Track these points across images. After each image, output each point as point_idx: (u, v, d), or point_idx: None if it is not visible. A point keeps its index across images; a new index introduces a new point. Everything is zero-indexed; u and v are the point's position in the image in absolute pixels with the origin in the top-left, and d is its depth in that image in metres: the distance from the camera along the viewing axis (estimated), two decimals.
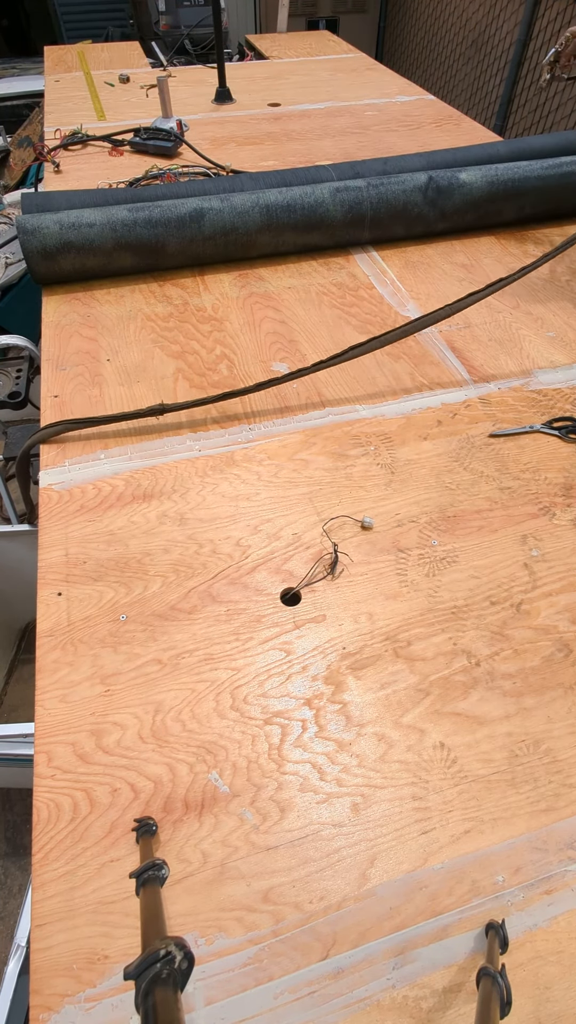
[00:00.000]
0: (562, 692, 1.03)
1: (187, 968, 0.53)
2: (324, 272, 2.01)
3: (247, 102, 3.19)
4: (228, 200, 1.88)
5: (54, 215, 1.79)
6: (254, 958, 0.77)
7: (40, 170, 2.71)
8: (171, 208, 1.83)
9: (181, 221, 1.83)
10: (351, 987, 0.76)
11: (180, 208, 1.84)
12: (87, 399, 1.53)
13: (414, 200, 2.02)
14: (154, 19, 5.86)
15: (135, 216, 1.81)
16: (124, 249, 1.83)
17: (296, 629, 1.10)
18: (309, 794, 0.91)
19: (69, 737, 0.96)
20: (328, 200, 1.95)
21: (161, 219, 1.82)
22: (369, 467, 1.39)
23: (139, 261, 1.88)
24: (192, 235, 1.86)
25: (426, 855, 0.86)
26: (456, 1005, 0.75)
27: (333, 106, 3.16)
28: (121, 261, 1.86)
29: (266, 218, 1.90)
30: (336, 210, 1.96)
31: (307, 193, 1.94)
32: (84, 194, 2.02)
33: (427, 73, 6.06)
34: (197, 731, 0.97)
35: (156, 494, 1.31)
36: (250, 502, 1.30)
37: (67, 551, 1.20)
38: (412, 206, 2.03)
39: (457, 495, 1.34)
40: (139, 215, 1.81)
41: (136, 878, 0.74)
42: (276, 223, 1.92)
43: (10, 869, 1.91)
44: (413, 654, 1.07)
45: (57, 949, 0.77)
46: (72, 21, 7.06)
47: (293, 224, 1.93)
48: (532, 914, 0.82)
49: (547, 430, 1.48)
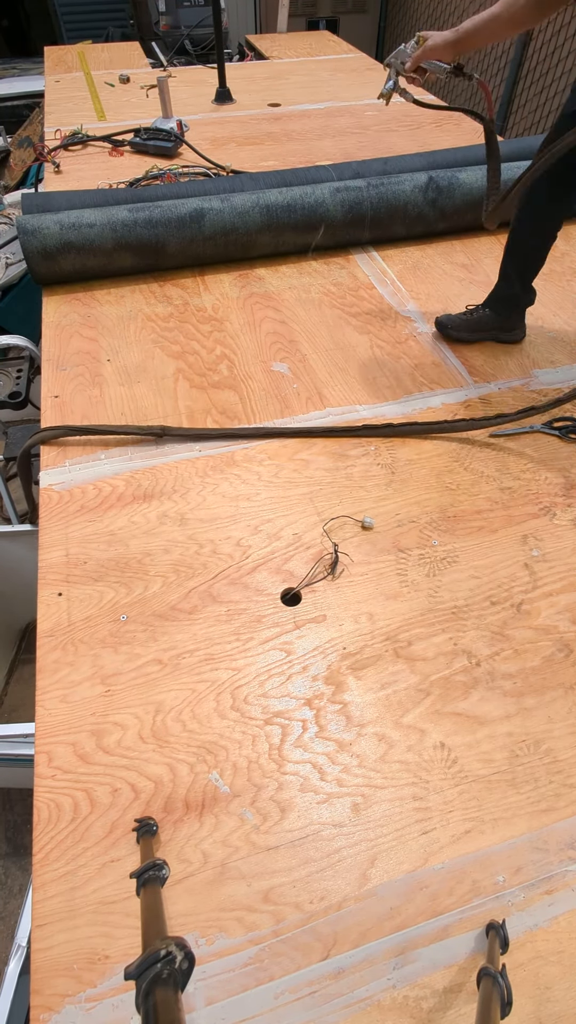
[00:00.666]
0: (563, 692, 1.03)
1: (188, 968, 0.53)
2: (324, 272, 2.01)
3: (247, 102, 3.19)
4: (228, 200, 1.88)
5: (54, 215, 1.80)
6: (255, 958, 0.77)
7: (40, 170, 2.71)
8: (171, 208, 1.84)
9: (181, 221, 1.84)
10: (352, 987, 0.76)
11: (180, 208, 1.84)
12: (87, 399, 1.53)
13: (414, 200, 2.02)
14: (154, 19, 5.85)
15: (135, 216, 1.81)
16: (124, 249, 1.83)
17: (296, 629, 1.10)
18: (310, 794, 0.91)
19: (70, 737, 0.96)
20: (328, 200, 1.95)
21: (161, 219, 1.82)
22: (369, 467, 1.39)
23: (139, 261, 1.88)
24: (192, 235, 1.86)
25: (427, 855, 0.86)
26: (457, 1005, 0.75)
27: (333, 106, 3.16)
28: (121, 261, 1.86)
29: (266, 218, 1.90)
30: (336, 210, 1.96)
31: (307, 193, 1.94)
32: (84, 194, 2.02)
33: None
34: (198, 731, 0.97)
35: (156, 494, 1.31)
36: (250, 502, 1.30)
37: (67, 551, 1.20)
38: (412, 206, 2.03)
39: (457, 495, 1.34)
40: (139, 215, 1.81)
41: (136, 878, 0.74)
42: (276, 223, 1.92)
43: (11, 869, 1.91)
44: (413, 654, 1.07)
45: (58, 949, 0.77)
46: (72, 21, 7.05)
47: (293, 224, 1.93)
48: (533, 914, 0.82)
49: (547, 430, 1.48)
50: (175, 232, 1.84)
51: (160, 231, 1.83)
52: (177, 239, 1.86)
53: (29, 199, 2.00)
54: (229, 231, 1.89)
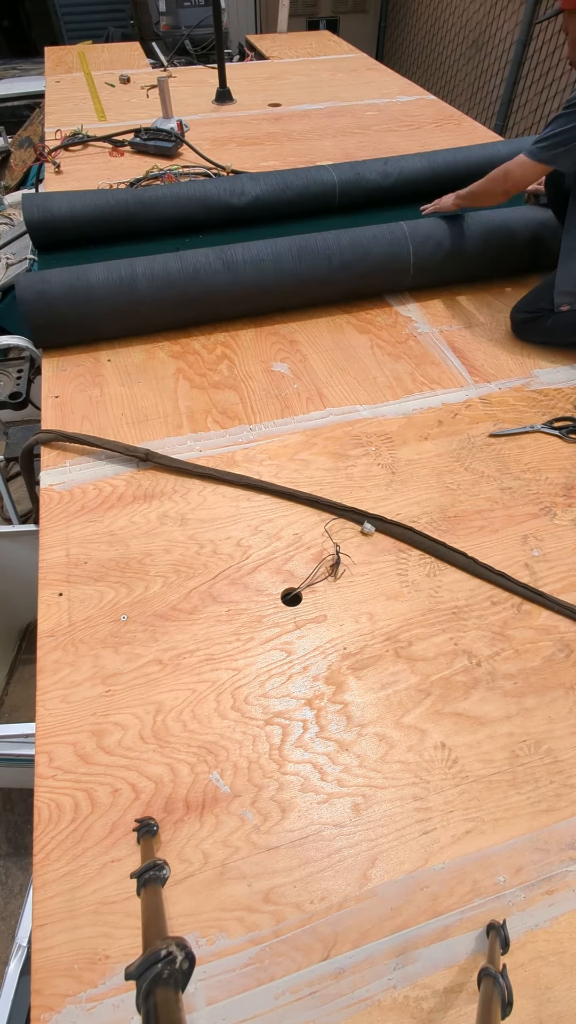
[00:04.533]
0: (563, 692, 1.03)
1: (188, 968, 0.53)
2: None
3: (247, 102, 3.19)
4: (233, 269, 1.69)
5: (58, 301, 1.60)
6: (255, 958, 0.77)
7: (41, 171, 2.71)
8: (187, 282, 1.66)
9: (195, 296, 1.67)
10: (352, 987, 0.76)
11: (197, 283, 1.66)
12: (88, 399, 1.53)
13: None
14: (154, 19, 5.85)
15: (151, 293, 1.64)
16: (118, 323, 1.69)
17: (297, 629, 1.10)
18: (310, 794, 0.91)
19: (70, 737, 0.96)
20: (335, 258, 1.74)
21: (178, 302, 1.66)
22: (370, 467, 1.39)
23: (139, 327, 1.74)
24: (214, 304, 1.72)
25: (427, 855, 0.86)
26: (457, 1005, 0.75)
27: (333, 106, 3.16)
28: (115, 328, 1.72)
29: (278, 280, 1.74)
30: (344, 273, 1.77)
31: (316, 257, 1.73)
32: (85, 195, 2.02)
33: (427, 73, 6.06)
34: (198, 731, 0.97)
35: (157, 494, 1.31)
36: (251, 502, 1.30)
37: (68, 551, 1.20)
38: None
39: (458, 495, 1.34)
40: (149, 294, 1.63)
41: (137, 878, 0.74)
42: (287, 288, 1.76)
43: (11, 869, 1.91)
44: (414, 654, 1.07)
45: (58, 949, 0.77)
46: (73, 22, 7.06)
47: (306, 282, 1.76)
48: (533, 914, 0.82)
49: (548, 430, 1.48)
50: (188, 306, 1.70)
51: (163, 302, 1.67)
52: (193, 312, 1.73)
53: (30, 199, 2.00)
54: (255, 297, 1.75)
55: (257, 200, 2.12)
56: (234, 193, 2.10)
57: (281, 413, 1.51)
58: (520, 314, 1.73)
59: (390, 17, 6.49)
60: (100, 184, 2.40)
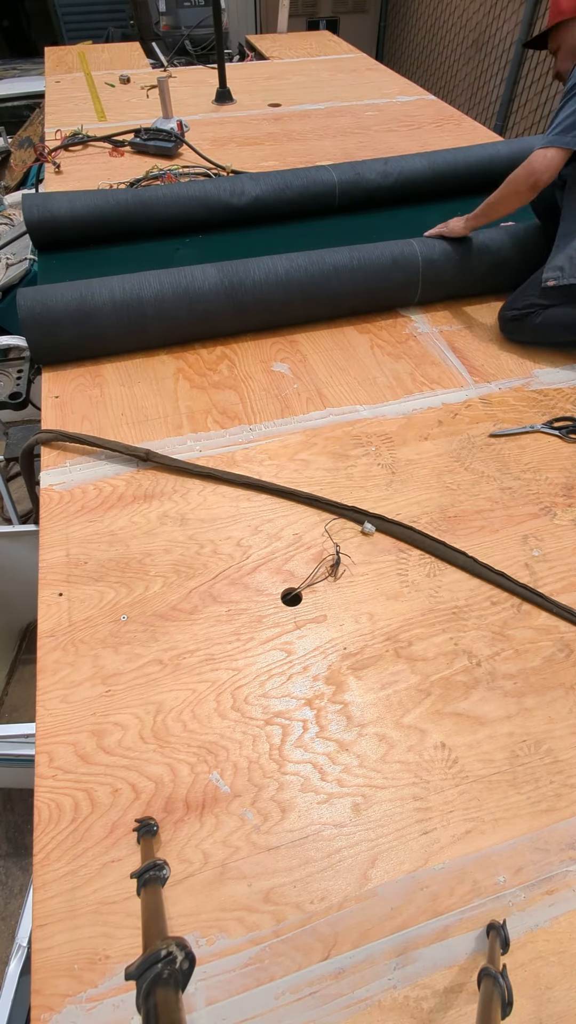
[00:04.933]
0: (563, 692, 1.03)
1: (188, 968, 0.53)
2: None
3: (247, 102, 3.19)
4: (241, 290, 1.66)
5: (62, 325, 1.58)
6: (255, 958, 0.77)
7: (41, 171, 2.71)
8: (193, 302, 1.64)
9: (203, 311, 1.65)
10: (352, 987, 0.76)
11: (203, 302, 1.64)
12: (88, 399, 1.53)
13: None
14: (154, 20, 5.86)
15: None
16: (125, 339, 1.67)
17: (297, 629, 1.10)
18: (310, 794, 0.91)
19: (70, 737, 0.96)
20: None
21: (182, 320, 1.65)
22: (370, 467, 1.39)
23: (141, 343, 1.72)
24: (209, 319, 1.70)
25: (427, 855, 0.86)
26: (457, 1006, 0.75)
27: (333, 106, 3.16)
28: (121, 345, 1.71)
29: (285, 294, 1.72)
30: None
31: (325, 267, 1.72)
32: (85, 195, 2.02)
33: (427, 73, 6.06)
34: (198, 731, 0.97)
35: (157, 494, 1.31)
36: (251, 502, 1.30)
37: (68, 551, 1.20)
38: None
39: (458, 495, 1.34)
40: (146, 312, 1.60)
41: (137, 878, 0.74)
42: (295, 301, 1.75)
43: (11, 869, 1.91)
44: (414, 654, 1.07)
45: (58, 949, 0.77)
46: (72, 22, 7.07)
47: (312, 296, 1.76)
48: (533, 914, 0.82)
49: (548, 430, 1.48)
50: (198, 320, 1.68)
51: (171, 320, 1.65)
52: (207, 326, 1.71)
53: (30, 199, 2.00)
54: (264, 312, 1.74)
55: (257, 200, 2.12)
56: (234, 193, 2.10)
57: (281, 413, 1.52)
58: (509, 311, 1.73)
59: (390, 17, 6.49)
60: (100, 184, 2.40)
